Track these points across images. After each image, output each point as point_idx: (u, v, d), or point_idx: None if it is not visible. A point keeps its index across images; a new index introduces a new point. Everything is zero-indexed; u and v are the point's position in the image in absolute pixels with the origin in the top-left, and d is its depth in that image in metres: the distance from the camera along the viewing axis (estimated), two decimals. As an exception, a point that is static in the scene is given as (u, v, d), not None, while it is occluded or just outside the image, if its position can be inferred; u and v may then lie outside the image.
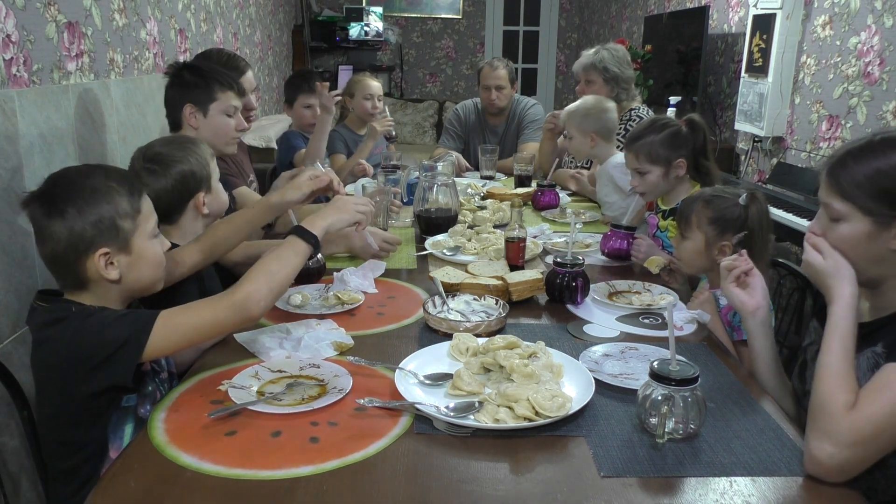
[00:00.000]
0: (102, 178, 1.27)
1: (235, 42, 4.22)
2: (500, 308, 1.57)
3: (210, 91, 1.95)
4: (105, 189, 1.26)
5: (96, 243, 1.24)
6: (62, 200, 1.23)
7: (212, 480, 1.01)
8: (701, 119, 2.08)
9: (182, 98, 1.94)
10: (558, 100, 7.89)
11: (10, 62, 1.72)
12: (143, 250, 1.31)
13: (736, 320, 1.61)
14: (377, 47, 7.21)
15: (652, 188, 2.07)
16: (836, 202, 1.16)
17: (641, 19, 5.55)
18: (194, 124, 1.95)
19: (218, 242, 1.63)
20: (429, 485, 1.01)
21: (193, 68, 1.98)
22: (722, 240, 1.64)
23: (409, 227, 2.39)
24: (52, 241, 1.23)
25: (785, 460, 1.07)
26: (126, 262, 1.29)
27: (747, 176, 3.88)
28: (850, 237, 1.16)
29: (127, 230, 1.28)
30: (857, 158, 1.15)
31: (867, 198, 1.13)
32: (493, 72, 3.37)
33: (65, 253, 1.24)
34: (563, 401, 1.16)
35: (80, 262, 1.24)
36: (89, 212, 1.23)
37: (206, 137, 1.93)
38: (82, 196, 1.24)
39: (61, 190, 1.25)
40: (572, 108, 2.53)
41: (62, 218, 1.22)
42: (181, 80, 1.95)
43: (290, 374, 1.32)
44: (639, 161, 2.04)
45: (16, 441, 1.56)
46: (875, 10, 2.91)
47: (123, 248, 1.28)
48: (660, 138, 2.01)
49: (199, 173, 1.67)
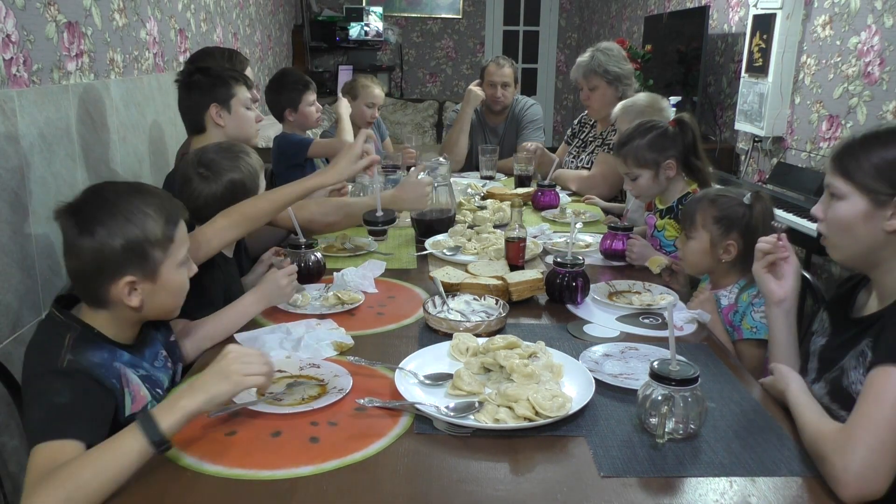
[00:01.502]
0: (139, 202, 1.22)
1: (235, 42, 4.22)
2: (500, 308, 1.57)
3: (228, 87, 1.99)
4: (140, 214, 1.21)
5: (123, 270, 1.20)
6: (94, 219, 1.18)
7: (212, 480, 1.01)
8: (691, 118, 2.08)
9: (206, 100, 1.98)
10: (558, 100, 7.90)
11: (10, 62, 1.72)
12: (168, 279, 1.26)
13: (736, 320, 1.61)
14: (377, 47, 7.21)
15: (644, 191, 2.09)
16: (838, 181, 1.20)
17: (641, 19, 5.55)
18: (221, 122, 1.99)
19: (255, 217, 1.66)
20: (429, 485, 1.01)
21: (206, 70, 2.01)
22: (727, 239, 1.64)
23: (409, 228, 2.39)
24: (79, 259, 1.19)
25: (785, 460, 1.07)
26: (150, 289, 1.24)
27: (747, 176, 3.88)
28: (846, 215, 1.19)
29: (157, 259, 1.23)
30: (862, 144, 1.18)
31: (868, 177, 1.16)
32: (499, 69, 3.38)
33: (90, 273, 1.20)
34: (563, 401, 1.16)
35: (104, 285, 1.20)
36: (120, 236, 1.18)
37: (234, 133, 2.01)
38: (115, 218, 1.18)
39: (95, 207, 1.20)
40: (628, 104, 2.51)
41: (91, 237, 1.17)
42: (199, 84, 1.98)
43: (290, 374, 1.32)
44: (627, 166, 2.05)
45: (16, 441, 1.56)
46: (875, 10, 2.91)
47: (150, 277, 1.23)
48: (646, 142, 2.02)
49: (248, 184, 1.70)
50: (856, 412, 1.05)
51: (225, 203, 1.66)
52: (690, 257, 1.72)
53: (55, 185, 1.87)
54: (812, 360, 1.32)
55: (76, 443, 1.05)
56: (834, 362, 1.23)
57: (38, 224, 1.77)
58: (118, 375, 1.19)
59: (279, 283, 1.59)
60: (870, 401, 1.04)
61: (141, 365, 1.27)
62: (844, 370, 1.18)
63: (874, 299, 1.24)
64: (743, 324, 1.59)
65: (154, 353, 1.33)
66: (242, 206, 1.66)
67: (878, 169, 1.15)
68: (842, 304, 1.31)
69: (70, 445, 1.05)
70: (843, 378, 1.18)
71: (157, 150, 2.65)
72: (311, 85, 2.88)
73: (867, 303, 1.26)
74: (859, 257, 1.21)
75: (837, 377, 1.19)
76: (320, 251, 1.87)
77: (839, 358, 1.21)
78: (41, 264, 1.78)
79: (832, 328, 1.31)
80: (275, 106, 2.88)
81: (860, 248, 1.20)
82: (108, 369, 1.18)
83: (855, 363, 1.16)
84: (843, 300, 1.31)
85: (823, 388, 1.22)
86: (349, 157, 1.79)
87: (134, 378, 1.22)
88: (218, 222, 1.61)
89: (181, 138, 2.13)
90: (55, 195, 1.86)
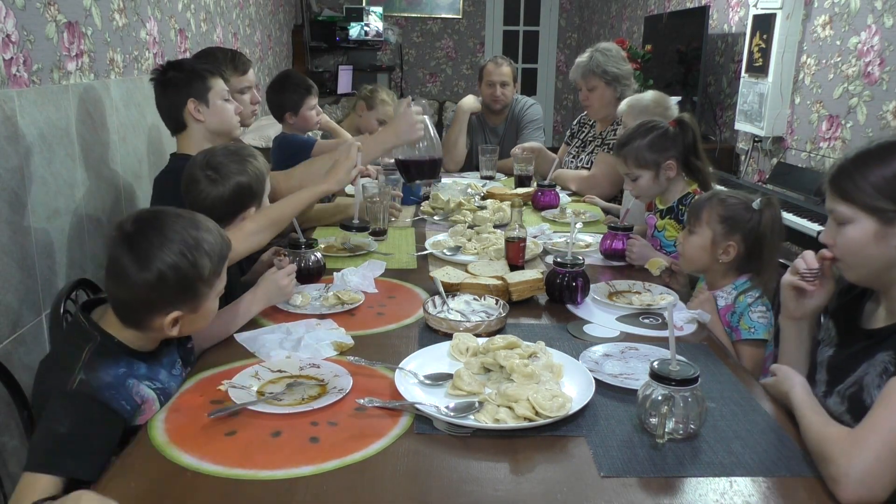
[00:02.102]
0: (197, 238, 1.23)
1: (235, 42, 4.22)
2: (500, 308, 1.57)
3: (204, 81, 1.97)
4: (199, 253, 1.22)
5: (173, 306, 1.22)
6: (152, 255, 1.18)
7: (212, 480, 1.01)
8: (691, 118, 2.08)
9: (182, 96, 1.95)
10: (558, 100, 7.90)
11: (10, 62, 1.71)
12: (206, 309, 1.29)
13: (734, 320, 1.61)
14: (377, 47, 7.21)
15: (645, 192, 2.09)
16: (841, 206, 1.18)
17: (641, 19, 5.55)
18: (200, 117, 1.97)
19: (280, 221, 1.73)
20: (429, 485, 1.01)
21: (178, 65, 1.99)
22: (728, 239, 1.64)
23: (409, 228, 2.39)
24: (131, 290, 1.19)
25: (785, 460, 1.07)
26: (190, 319, 1.26)
27: (747, 176, 3.88)
28: (857, 239, 1.17)
29: (203, 294, 1.25)
30: (856, 164, 1.17)
31: (870, 197, 1.14)
32: (497, 68, 3.38)
33: (139, 304, 1.21)
34: (563, 401, 1.16)
35: (151, 316, 1.22)
36: (176, 274, 1.19)
37: (215, 126, 2.00)
38: (174, 255, 1.19)
39: (153, 240, 1.19)
40: (634, 101, 2.50)
41: (149, 272, 1.18)
42: (174, 80, 1.96)
43: (290, 374, 1.31)
44: (628, 166, 2.06)
45: (16, 441, 1.56)
46: (875, 10, 2.91)
47: (193, 310, 1.26)
48: (646, 142, 2.02)
49: (255, 187, 1.71)
50: (868, 418, 1.04)
51: (231, 205, 1.67)
52: (689, 252, 1.71)
53: (55, 184, 1.87)
54: (820, 371, 1.30)
55: (57, 480, 1.08)
56: (845, 373, 1.22)
57: (38, 224, 1.77)
58: (129, 395, 1.20)
59: (279, 283, 1.59)
60: (884, 409, 1.03)
61: (157, 377, 1.27)
62: (864, 387, 1.16)
63: (883, 310, 1.23)
64: (741, 324, 1.59)
65: (172, 360, 1.34)
66: (268, 211, 1.72)
67: (877, 187, 1.14)
68: (848, 312, 1.30)
69: (50, 482, 1.07)
70: (865, 395, 1.15)
71: (156, 150, 2.65)
72: (314, 89, 2.88)
73: (876, 312, 1.24)
74: (874, 276, 1.20)
75: (856, 393, 1.17)
76: (320, 251, 1.87)
77: (850, 369, 1.20)
78: (41, 264, 1.78)
79: (839, 338, 1.30)
80: (275, 107, 2.88)
81: (875, 268, 1.19)
82: (119, 390, 1.18)
83: (879, 381, 1.13)
84: (850, 309, 1.30)
85: (841, 403, 1.20)
86: (346, 167, 1.91)
87: (148, 393, 1.23)
88: (246, 227, 1.65)
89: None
90: (55, 195, 1.87)
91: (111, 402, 1.16)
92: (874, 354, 1.16)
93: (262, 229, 1.69)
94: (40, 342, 1.75)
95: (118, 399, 1.17)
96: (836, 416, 1.16)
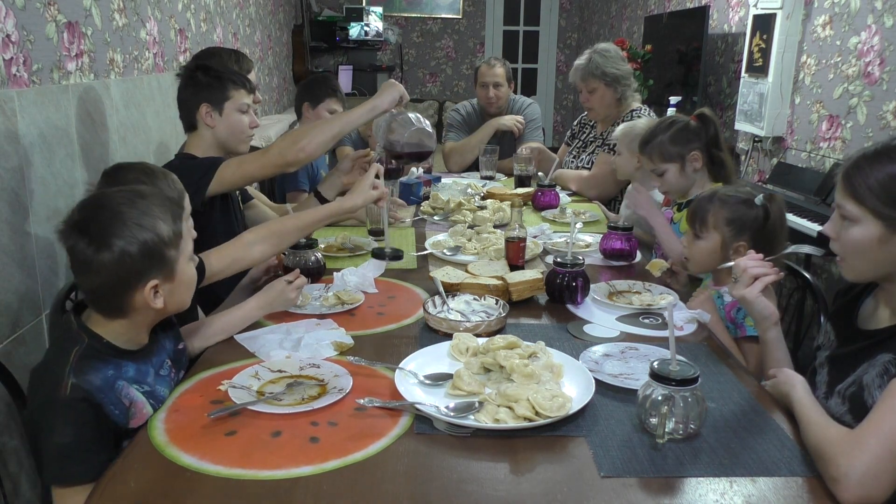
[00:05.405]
0: (145, 206, 1.22)
1: (235, 42, 4.22)
2: (500, 308, 1.57)
3: (224, 90, 1.96)
4: (149, 217, 1.21)
5: (146, 275, 1.20)
6: (108, 233, 1.17)
7: (212, 480, 1.01)
8: (711, 112, 2.10)
9: (198, 98, 1.96)
10: (558, 100, 7.90)
11: (10, 62, 1.72)
12: (182, 274, 1.28)
13: (739, 316, 1.60)
14: (377, 47, 7.21)
15: (673, 186, 2.09)
16: (850, 204, 1.18)
17: (641, 19, 5.55)
18: (210, 123, 1.96)
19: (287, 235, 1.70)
20: (429, 485, 1.01)
21: (206, 68, 1.99)
22: (738, 240, 1.64)
23: (410, 228, 2.39)
24: (100, 274, 1.18)
25: (785, 460, 1.07)
26: (170, 288, 1.26)
27: (747, 176, 3.88)
28: (861, 240, 1.17)
29: (172, 258, 1.24)
30: (871, 163, 1.16)
31: (879, 202, 1.14)
32: (490, 69, 3.39)
33: (113, 286, 1.20)
34: (563, 401, 1.16)
35: (128, 294, 1.21)
36: (137, 243, 1.18)
37: (223, 136, 1.99)
38: (128, 227, 1.18)
39: (104, 220, 1.18)
40: (628, 127, 2.50)
41: (110, 250, 1.16)
42: (195, 81, 1.96)
43: (290, 374, 1.31)
44: (654, 162, 2.07)
45: (16, 441, 1.56)
46: (875, 9, 2.91)
47: (169, 276, 1.25)
48: (669, 136, 2.04)
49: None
50: (869, 419, 1.04)
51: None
52: (698, 256, 1.71)
53: (55, 184, 1.87)
54: (820, 372, 1.30)
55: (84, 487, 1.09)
56: (843, 372, 1.21)
57: (38, 224, 1.77)
58: (118, 399, 1.19)
59: (287, 296, 1.58)
60: (885, 410, 1.03)
61: (145, 379, 1.26)
62: (864, 386, 1.16)
63: (884, 310, 1.23)
64: (746, 320, 1.59)
65: (161, 361, 1.33)
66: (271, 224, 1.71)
67: (887, 191, 1.13)
68: (846, 313, 1.30)
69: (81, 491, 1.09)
70: (866, 395, 1.15)
71: (157, 150, 2.65)
72: (340, 95, 2.92)
73: (875, 312, 1.24)
74: (872, 275, 1.21)
75: (856, 393, 1.17)
76: (320, 251, 1.87)
77: (849, 368, 1.20)
78: (41, 264, 1.78)
79: (837, 339, 1.30)
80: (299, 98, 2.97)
81: (876, 269, 1.19)
82: (109, 393, 1.18)
83: (880, 381, 1.13)
84: (847, 310, 1.30)
85: (842, 404, 1.20)
86: (363, 188, 1.80)
87: (137, 397, 1.22)
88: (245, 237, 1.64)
89: (181, 138, 2.12)
90: (55, 195, 1.86)
91: (104, 404, 1.16)
92: (875, 355, 1.16)
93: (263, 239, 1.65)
94: (40, 342, 1.75)
95: (109, 403, 1.17)
96: (837, 416, 1.16)
